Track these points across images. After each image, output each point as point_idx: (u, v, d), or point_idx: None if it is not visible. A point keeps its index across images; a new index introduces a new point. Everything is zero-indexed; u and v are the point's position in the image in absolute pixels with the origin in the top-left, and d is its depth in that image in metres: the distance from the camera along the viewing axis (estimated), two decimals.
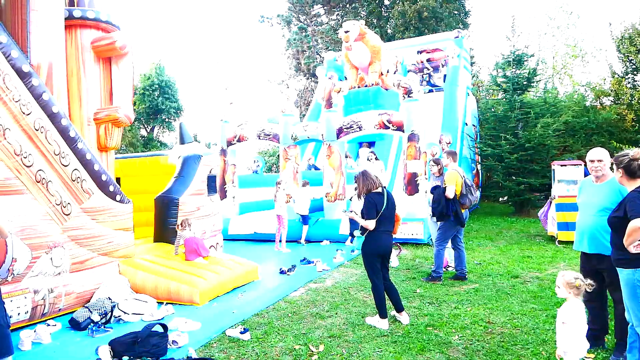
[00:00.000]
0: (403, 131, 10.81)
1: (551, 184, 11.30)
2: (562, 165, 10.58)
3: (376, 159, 11.84)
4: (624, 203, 3.56)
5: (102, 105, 7.14)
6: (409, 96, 10.83)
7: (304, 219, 11.15)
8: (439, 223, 7.19)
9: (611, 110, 18.57)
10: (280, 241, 10.39)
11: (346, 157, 14.48)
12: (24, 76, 5.30)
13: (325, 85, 12.31)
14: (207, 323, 5.31)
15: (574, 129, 17.72)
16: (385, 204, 5.11)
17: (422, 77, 19.46)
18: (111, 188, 6.35)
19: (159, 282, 6.23)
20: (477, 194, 17.34)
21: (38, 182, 5.30)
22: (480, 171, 18.14)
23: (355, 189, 5.32)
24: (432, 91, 19.20)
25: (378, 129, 11.20)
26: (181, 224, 7.33)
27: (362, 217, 5.13)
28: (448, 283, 6.90)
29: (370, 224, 5.04)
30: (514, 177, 15.30)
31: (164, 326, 4.74)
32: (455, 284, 6.86)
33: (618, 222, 3.57)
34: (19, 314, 5.02)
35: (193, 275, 6.36)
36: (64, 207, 5.61)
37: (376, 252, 5.16)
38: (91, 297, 5.85)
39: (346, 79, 15.64)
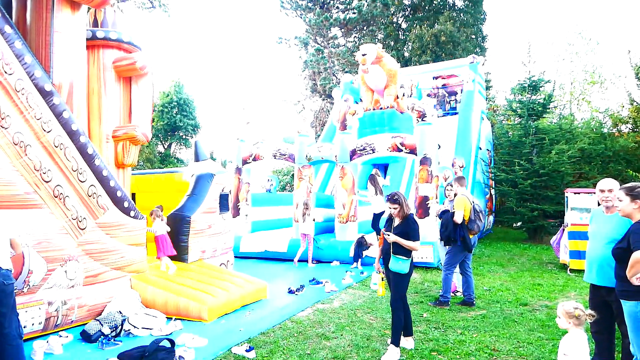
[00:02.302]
0: (416, 154, 10.88)
1: (565, 211, 11.20)
2: (575, 193, 10.51)
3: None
4: (629, 234, 3.56)
5: (121, 123, 7.35)
6: (422, 120, 10.93)
7: None
8: (447, 247, 7.22)
9: (629, 138, 18.39)
10: (306, 259, 10.88)
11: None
12: (45, 95, 5.52)
13: (340, 107, 12.42)
14: (214, 340, 5.38)
15: (590, 156, 17.56)
16: None
17: (447, 101, 19.55)
18: (126, 204, 6.50)
19: (168, 298, 6.32)
20: (490, 219, 17.32)
21: (56, 197, 5.47)
22: (493, 196, 18.04)
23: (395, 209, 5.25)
24: (448, 114, 19.29)
25: (391, 151, 11.29)
26: (150, 214, 7.29)
27: (407, 240, 5.03)
28: (455, 308, 6.88)
29: (418, 246, 5.07)
30: (527, 203, 15.17)
31: (172, 341, 4.82)
32: (462, 309, 6.83)
33: (622, 253, 3.56)
34: (32, 324, 5.15)
35: (202, 292, 6.44)
36: (80, 221, 5.77)
37: (412, 273, 5.19)
38: (103, 310, 5.96)
39: (361, 101, 15.78)
